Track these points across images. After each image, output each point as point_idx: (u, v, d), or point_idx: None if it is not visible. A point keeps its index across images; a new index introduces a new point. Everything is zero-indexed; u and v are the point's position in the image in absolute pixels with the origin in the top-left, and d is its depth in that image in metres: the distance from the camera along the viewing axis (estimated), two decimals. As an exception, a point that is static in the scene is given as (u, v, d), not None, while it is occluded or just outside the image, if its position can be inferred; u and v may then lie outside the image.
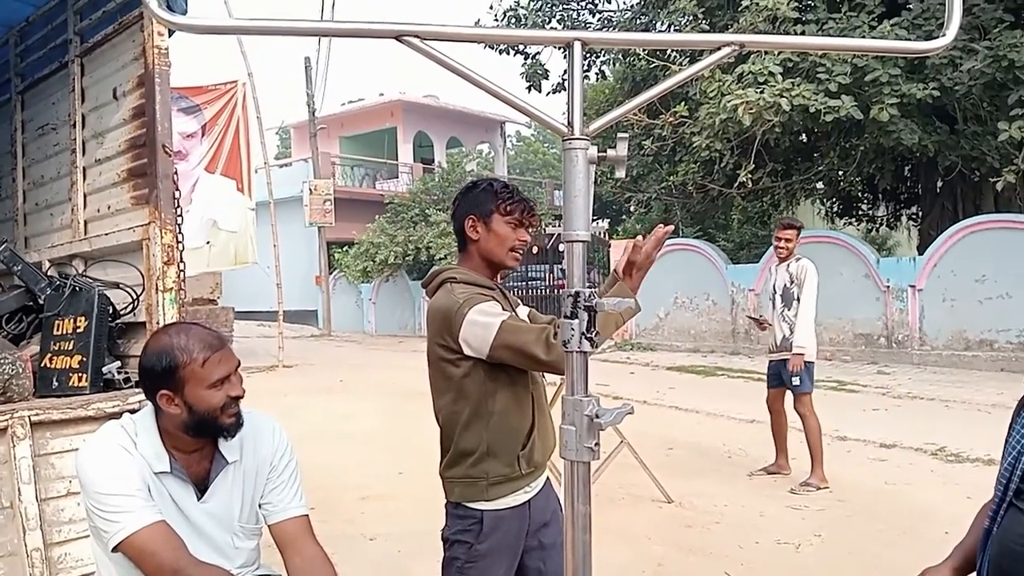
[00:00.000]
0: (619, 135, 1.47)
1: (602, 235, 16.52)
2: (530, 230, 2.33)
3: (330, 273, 23.09)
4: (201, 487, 1.97)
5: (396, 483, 5.87)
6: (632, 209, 19.92)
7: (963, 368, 11.24)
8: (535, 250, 17.71)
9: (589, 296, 1.45)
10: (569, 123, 1.46)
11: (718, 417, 8.25)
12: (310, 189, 21.11)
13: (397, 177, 28.40)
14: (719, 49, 1.52)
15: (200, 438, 1.94)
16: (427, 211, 20.84)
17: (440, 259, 18.49)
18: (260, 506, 2.05)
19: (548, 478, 2.41)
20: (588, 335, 1.46)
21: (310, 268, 23.89)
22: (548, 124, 1.52)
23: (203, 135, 11.40)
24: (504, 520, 2.22)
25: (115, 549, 1.82)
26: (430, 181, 23.41)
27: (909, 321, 12.04)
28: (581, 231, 1.46)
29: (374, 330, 22.58)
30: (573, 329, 1.46)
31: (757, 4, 11.17)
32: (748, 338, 14.04)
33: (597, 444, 1.45)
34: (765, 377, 5.94)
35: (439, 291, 2.26)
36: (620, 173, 1.48)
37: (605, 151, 1.49)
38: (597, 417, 1.42)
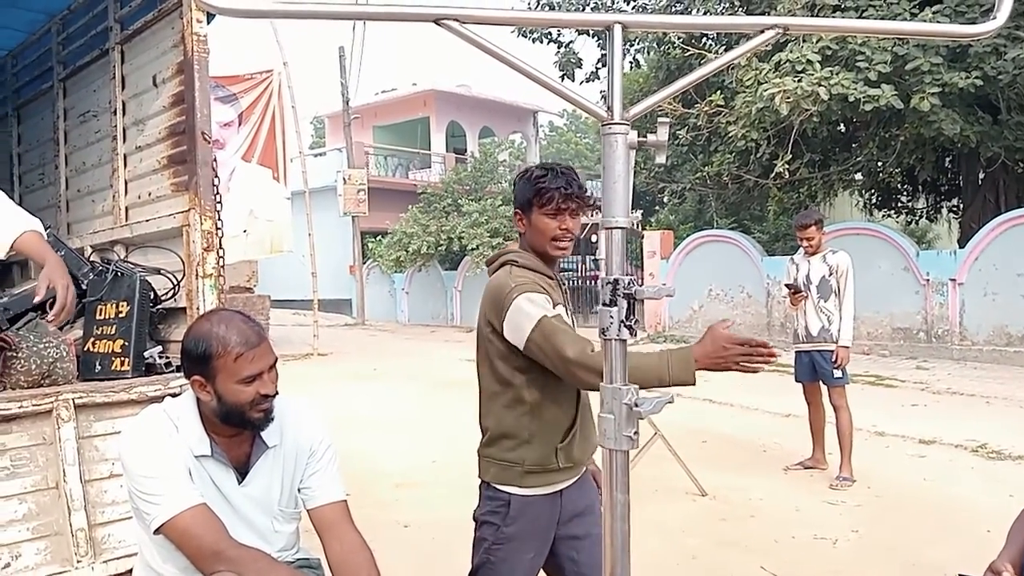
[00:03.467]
0: (659, 119, 1.45)
1: (636, 226, 16.39)
2: (577, 216, 2.22)
3: (364, 263, 23.25)
4: (242, 471, 1.99)
5: (430, 471, 5.89)
6: (666, 200, 19.77)
7: (1004, 364, 11.01)
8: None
9: (628, 284, 1.44)
10: (608, 107, 1.44)
11: (752, 410, 8.18)
12: (344, 179, 21.23)
13: (430, 167, 28.48)
14: (762, 32, 1.49)
15: (230, 427, 1.96)
16: (460, 201, 20.87)
17: (472, 249, 18.50)
18: (299, 491, 2.06)
19: (586, 468, 2.39)
20: (627, 323, 1.45)
21: (344, 257, 24.08)
22: (587, 109, 1.51)
23: (240, 124, 11.51)
24: (532, 506, 2.22)
25: (157, 531, 1.84)
26: (463, 171, 23.43)
27: (949, 315, 11.81)
28: (620, 218, 1.44)
29: (407, 319, 22.70)
30: (612, 317, 1.44)
31: (795, -9, 11.01)
32: (784, 331, 13.87)
33: (636, 433, 1.43)
34: (793, 369, 5.84)
35: (499, 271, 2.27)
36: (660, 159, 1.46)
37: (645, 136, 1.47)
38: (636, 406, 1.41)
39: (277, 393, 1.97)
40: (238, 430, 1.97)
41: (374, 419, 7.88)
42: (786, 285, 5.60)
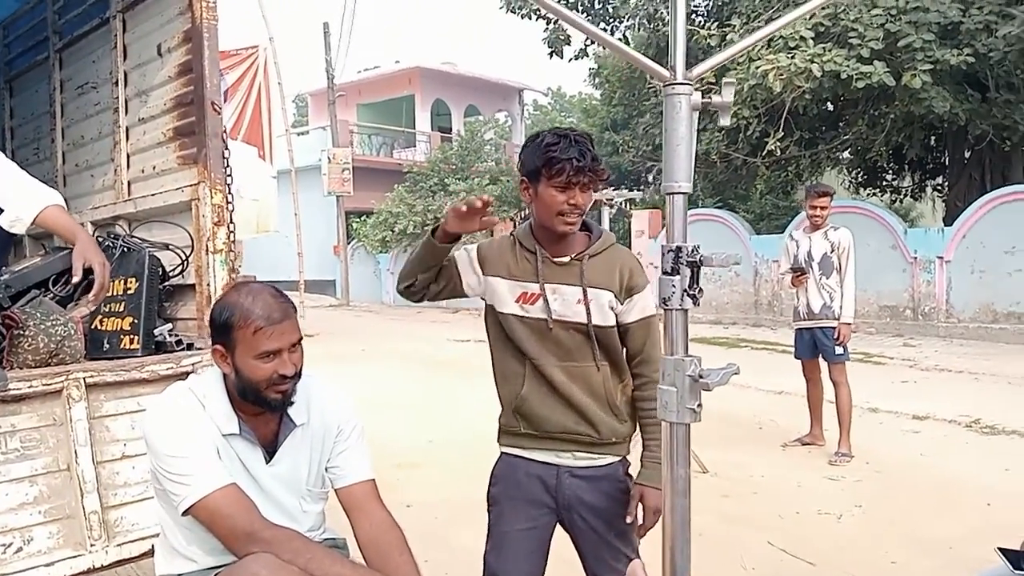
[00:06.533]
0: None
1: (624, 204, 16.33)
2: (588, 190, 2.03)
3: (348, 243, 23.08)
4: (269, 450, 1.94)
5: (427, 451, 5.85)
6: (651, 179, 19.73)
7: (990, 340, 11.13)
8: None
9: (692, 251, 1.39)
10: (671, 67, 1.39)
11: (745, 388, 8.17)
12: (328, 158, 21.02)
13: (415, 146, 28.26)
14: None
15: (247, 404, 1.90)
16: (446, 180, 20.75)
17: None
18: (327, 470, 2.02)
19: (624, 462, 2.24)
20: (690, 292, 1.40)
21: (328, 238, 23.88)
22: (649, 68, 1.45)
23: (225, 100, 11.28)
24: (514, 468, 2.21)
25: (186, 513, 1.79)
26: (448, 150, 23.29)
27: (936, 293, 11.91)
28: (683, 182, 1.40)
29: (392, 301, 22.59)
30: (674, 286, 1.40)
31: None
32: (771, 309, 13.94)
33: (699, 405, 1.39)
34: (793, 346, 5.84)
35: None
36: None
37: (710, 97, 1.41)
38: (701, 377, 1.37)
39: (298, 375, 1.90)
40: (260, 408, 1.91)
41: (367, 400, 7.77)
42: (791, 268, 5.58)
